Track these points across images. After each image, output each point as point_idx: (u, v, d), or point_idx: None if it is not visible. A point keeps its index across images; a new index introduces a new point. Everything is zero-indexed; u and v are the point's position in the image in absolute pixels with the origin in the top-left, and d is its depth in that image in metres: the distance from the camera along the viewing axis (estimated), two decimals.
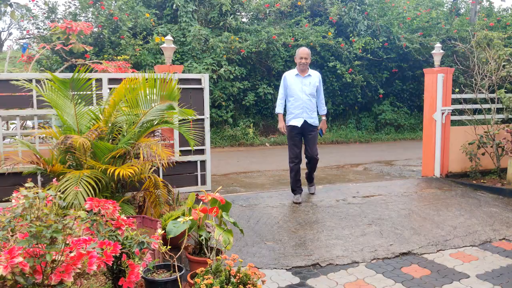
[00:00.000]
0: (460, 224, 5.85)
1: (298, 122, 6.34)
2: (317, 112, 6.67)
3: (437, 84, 8.10)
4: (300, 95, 6.31)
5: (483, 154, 8.04)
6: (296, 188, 6.61)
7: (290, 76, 6.43)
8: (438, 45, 8.41)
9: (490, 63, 8.12)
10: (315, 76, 6.44)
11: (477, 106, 8.28)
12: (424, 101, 8.49)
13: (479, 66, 8.21)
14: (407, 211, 6.30)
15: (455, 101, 8.47)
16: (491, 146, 7.96)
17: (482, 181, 7.94)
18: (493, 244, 5.29)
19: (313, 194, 6.95)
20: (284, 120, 6.57)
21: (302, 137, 6.49)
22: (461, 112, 8.50)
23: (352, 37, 16.47)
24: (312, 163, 6.68)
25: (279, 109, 6.53)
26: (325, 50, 16.17)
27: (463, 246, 5.20)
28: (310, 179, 6.99)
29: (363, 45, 16.11)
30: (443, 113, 8.13)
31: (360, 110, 17.88)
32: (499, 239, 5.43)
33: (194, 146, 5.63)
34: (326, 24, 16.85)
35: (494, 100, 8.14)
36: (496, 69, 8.06)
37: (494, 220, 6.04)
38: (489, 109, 8.21)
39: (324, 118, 6.73)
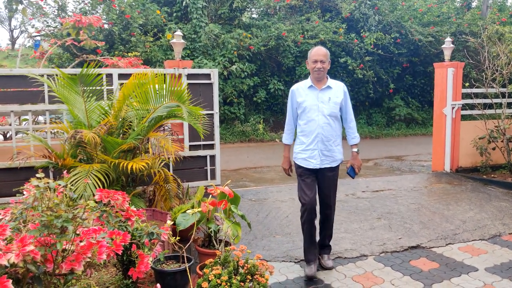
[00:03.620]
0: (470, 218, 5.83)
1: (309, 160, 4.30)
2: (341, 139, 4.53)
3: (447, 78, 8.07)
4: (315, 116, 4.23)
5: (493, 148, 7.99)
6: (309, 253, 4.35)
7: (300, 90, 4.34)
8: (448, 39, 8.37)
9: (501, 58, 8.07)
10: (337, 89, 4.33)
11: (488, 100, 8.23)
12: (434, 95, 8.45)
13: (489, 60, 8.16)
14: (417, 205, 6.30)
15: (466, 96, 8.43)
16: (502, 141, 7.92)
17: (492, 175, 7.90)
18: (502, 238, 5.27)
19: (330, 269, 4.44)
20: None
21: (316, 181, 4.39)
22: (471, 106, 8.45)
23: (363, 33, 16.41)
24: (326, 217, 4.52)
25: (286, 138, 4.54)
26: (336, 46, 16.12)
27: (472, 240, 5.18)
28: (323, 246, 4.58)
29: (375, 41, 16.05)
30: (453, 108, 8.09)
31: (371, 106, 17.83)
32: (509, 233, 5.40)
33: (203, 140, 5.65)
34: (337, 20, 16.80)
35: (505, 94, 8.08)
36: (507, 63, 8.00)
37: (504, 215, 6.01)
38: (500, 104, 8.15)
39: (355, 150, 4.46)
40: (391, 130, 16.96)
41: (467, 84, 8.27)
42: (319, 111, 4.24)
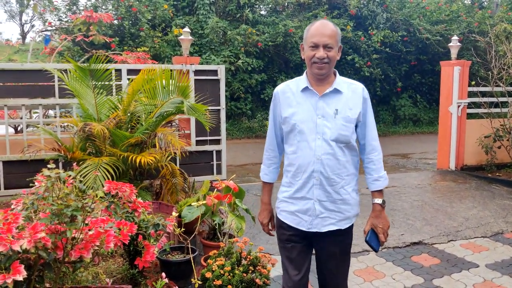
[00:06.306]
0: (473, 216, 5.88)
1: (299, 216, 2.53)
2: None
3: (453, 76, 8.10)
4: (311, 141, 2.46)
5: (499, 147, 8.02)
6: None
7: (289, 94, 2.55)
8: (455, 37, 8.39)
9: (508, 56, 8.07)
10: (352, 94, 2.53)
11: (494, 99, 8.25)
12: (440, 93, 8.49)
13: (496, 59, 8.17)
14: (420, 202, 6.35)
15: (472, 95, 8.45)
16: (507, 140, 7.94)
17: (497, 174, 7.93)
18: (504, 235, 5.32)
19: None
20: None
21: (311, 248, 2.65)
22: (477, 105, 8.47)
23: (371, 30, 16.41)
24: None
25: (264, 172, 2.91)
26: (343, 43, 16.09)
27: (474, 237, 5.24)
28: None
29: (382, 38, 16.05)
30: (459, 106, 8.12)
31: (378, 104, 17.84)
32: (511, 231, 5.45)
33: (210, 135, 5.73)
34: (345, 17, 16.81)
35: (511, 93, 8.09)
36: None
37: (507, 213, 6.05)
38: (506, 103, 8.17)
39: (378, 201, 2.58)
40: (398, 128, 16.98)
41: (473, 82, 8.30)
42: (317, 133, 2.44)
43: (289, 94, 2.54)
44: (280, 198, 2.65)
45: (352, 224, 2.60)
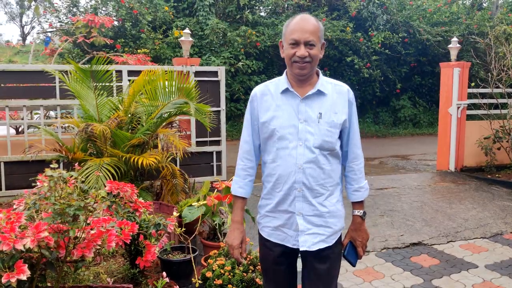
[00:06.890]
0: (472, 217, 5.90)
1: (284, 231, 2.30)
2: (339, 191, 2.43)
3: (453, 78, 8.12)
4: (292, 149, 2.21)
5: (498, 148, 8.05)
6: None
7: (268, 97, 2.30)
8: (454, 39, 8.42)
9: (507, 58, 8.10)
10: (336, 96, 2.27)
11: (493, 100, 8.27)
12: (440, 95, 8.51)
13: (496, 60, 8.19)
14: (420, 203, 6.38)
15: (472, 96, 8.47)
16: (507, 141, 7.97)
17: (497, 175, 7.95)
18: (504, 236, 5.34)
19: None
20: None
21: (296, 267, 2.43)
22: (477, 106, 8.50)
23: (371, 32, 16.44)
24: None
25: (237, 184, 2.53)
26: (343, 45, 16.16)
27: (474, 238, 5.26)
28: None
29: (382, 40, 16.08)
30: (458, 108, 8.15)
31: (378, 105, 17.87)
32: (510, 232, 5.46)
33: (210, 136, 5.76)
34: (345, 18, 16.84)
35: (511, 94, 8.12)
36: None
37: (506, 214, 6.07)
38: (506, 104, 8.20)
39: (358, 213, 2.37)
40: (398, 129, 17.02)
41: (473, 84, 8.33)
42: (299, 139, 2.20)
43: (268, 96, 2.29)
44: (261, 212, 2.39)
45: (339, 239, 2.35)
